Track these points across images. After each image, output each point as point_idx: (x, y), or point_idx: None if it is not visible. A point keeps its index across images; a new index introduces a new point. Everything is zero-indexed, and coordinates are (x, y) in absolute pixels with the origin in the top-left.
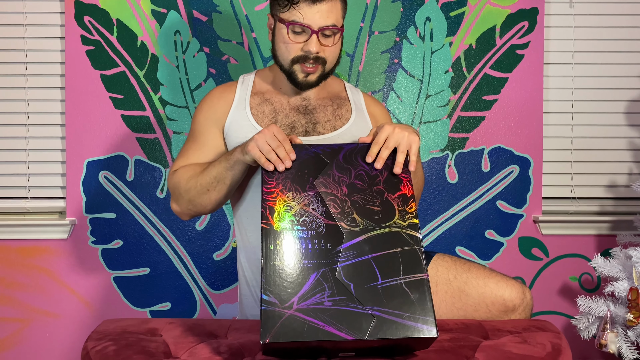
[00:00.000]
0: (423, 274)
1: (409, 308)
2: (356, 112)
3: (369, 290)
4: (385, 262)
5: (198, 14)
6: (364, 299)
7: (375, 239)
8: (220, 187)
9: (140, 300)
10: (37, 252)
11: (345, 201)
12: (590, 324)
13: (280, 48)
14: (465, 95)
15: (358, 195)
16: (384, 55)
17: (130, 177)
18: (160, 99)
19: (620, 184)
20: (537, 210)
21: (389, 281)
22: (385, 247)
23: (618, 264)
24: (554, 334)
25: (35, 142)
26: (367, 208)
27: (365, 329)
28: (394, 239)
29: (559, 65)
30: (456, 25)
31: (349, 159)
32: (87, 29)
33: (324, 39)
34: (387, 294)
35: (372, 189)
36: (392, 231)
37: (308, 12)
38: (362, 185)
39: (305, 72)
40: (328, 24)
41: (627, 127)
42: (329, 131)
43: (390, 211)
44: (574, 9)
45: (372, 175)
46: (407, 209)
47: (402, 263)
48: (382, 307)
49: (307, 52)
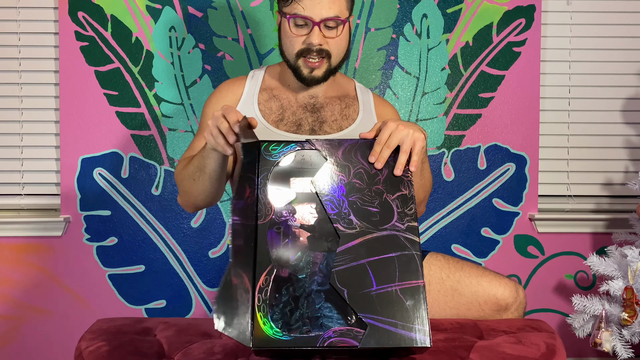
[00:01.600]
0: (419, 281)
1: (402, 316)
2: (364, 112)
3: (362, 296)
4: (381, 267)
5: (193, 10)
6: (357, 305)
7: (371, 242)
8: (203, 177)
9: (135, 297)
10: (32, 249)
11: (343, 201)
12: (585, 322)
13: (285, 43)
14: (461, 93)
15: (356, 196)
16: (380, 52)
17: (125, 174)
18: (155, 96)
19: (616, 182)
20: (533, 208)
21: (384, 287)
22: (381, 251)
23: (613, 263)
24: (548, 334)
25: (29, 139)
26: (365, 209)
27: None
28: (391, 243)
29: (556, 62)
30: (453, 22)
31: (348, 156)
32: (81, 25)
33: (327, 30)
34: (381, 301)
35: (371, 188)
36: (389, 234)
37: (309, 4)
38: (361, 184)
39: (309, 67)
40: (330, 15)
41: (624, 125)
42: (335, 130)
43: (389, 213)
44: (571, 7)
45: (371, 174)
46: (406, 211)
47: (398, 268)
48: (376, 314)
49: (309, 45)
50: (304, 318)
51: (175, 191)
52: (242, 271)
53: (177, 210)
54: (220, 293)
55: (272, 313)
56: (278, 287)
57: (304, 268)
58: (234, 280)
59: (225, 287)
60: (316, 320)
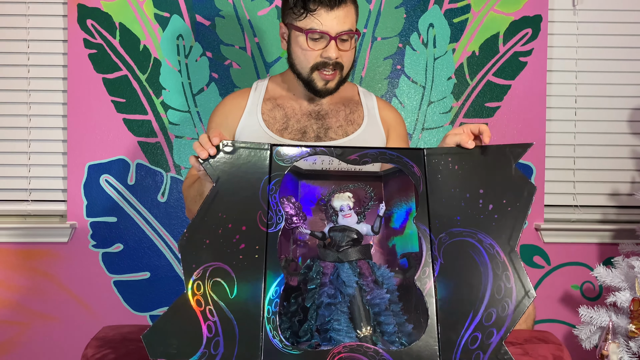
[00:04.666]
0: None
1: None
2: (368, 117)
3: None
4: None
5: (201, 19)
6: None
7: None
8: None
9: (140, 304)
10: (38, 255)
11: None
12: (591, 334)
13: (299, 57)
14: (467, 102)
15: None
16: (386, 61)
17: (132, 181)
18: (162, 103)
19: (622, 192)
20: (539, 218)
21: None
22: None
23: (620, 274)
24: (555, 345)
25: (36, 145)
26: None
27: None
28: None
29: (562, 72)
30: (459, 32)
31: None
32: (89, 33)
33: (342, 44)
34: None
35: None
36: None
37: (326, 19)
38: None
39: (324, 79)
40: (345, 29)
41: (631, 135)
42: (341, 136)
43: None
44: (577, 17)
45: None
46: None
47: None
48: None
49: (326, 59)
50: (313, 331)
51: (181, 198)
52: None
53: (183, 218)
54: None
55: (281, 322)
56: (287, 295)
57: (314, 279)
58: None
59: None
60: (325, 332)
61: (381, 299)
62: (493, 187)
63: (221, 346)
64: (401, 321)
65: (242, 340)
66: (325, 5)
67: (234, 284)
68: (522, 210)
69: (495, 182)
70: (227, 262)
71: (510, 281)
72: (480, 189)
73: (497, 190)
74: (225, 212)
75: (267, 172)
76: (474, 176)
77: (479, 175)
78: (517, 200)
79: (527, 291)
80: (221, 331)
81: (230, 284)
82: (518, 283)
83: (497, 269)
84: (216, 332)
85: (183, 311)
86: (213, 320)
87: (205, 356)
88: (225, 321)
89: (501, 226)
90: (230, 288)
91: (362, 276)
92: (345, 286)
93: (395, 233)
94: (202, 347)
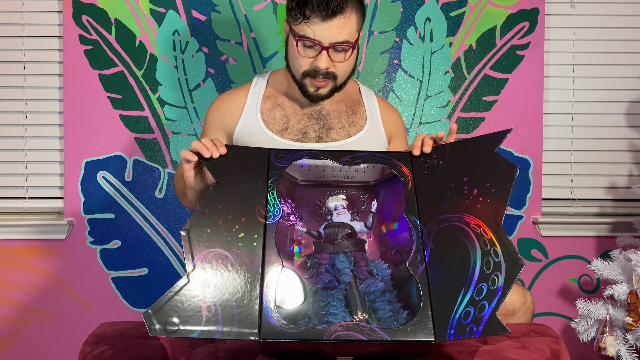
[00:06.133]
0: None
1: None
2: (370, 119)
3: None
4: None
5: (197, 14)
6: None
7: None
8: (189, 194)
9: (138, 300)
10: (35, 252)
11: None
12: (589, 326)
13: (292, 60)
14: (465, 96)
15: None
16: (383, 55)
17: (129, 177)
18: (158, 99)
19: (620, 185)
20: (537, 212)
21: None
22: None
23: (617, 267)
24: (552, 339)
25: (33, 142)
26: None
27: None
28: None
29: (560, 66)
30: (456, 26)
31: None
32: (85, 29)
33: (335, 54)
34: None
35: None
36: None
37: (319, 28)
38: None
39: (315, 86)
40: (339, 40)
41: (628, 128)
42: (343, 137)
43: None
44: (574, 10)
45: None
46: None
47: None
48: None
49: (316, 68)
50: (310, 315)
51: None
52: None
53: (181, 213)
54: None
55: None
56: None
57: (310, 269)
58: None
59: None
60: (322, 317)
61: (376, 287)
62: (477, 173)
63: (220, 324)
64: (396, 308)
65: (240, 320)
66: (320, 14)
67: (233, 267)
68: (505, 189)
69: (479, 169)
70: (226, 249)
71: (499, 255)
72: (465, 177)
73: (481, 176)
74: (226, 205)
75: (266, 172)
76: (457, 167)
77: (463, 166)
78: (500, 182)
79: (516, 262)
80: (220, 311)
81: (230, 267)
82: (506, 256)
83: (485, 246)
84: (215, 312)
85: (183, 292)
86: (212, 302)
87: (205, 334)
88: (224, 304)
89: (486, 207)
90: (230, 271)
91: (357, 265)
92: (340, 274)
93: (387, 227)
94: (202, 325)
